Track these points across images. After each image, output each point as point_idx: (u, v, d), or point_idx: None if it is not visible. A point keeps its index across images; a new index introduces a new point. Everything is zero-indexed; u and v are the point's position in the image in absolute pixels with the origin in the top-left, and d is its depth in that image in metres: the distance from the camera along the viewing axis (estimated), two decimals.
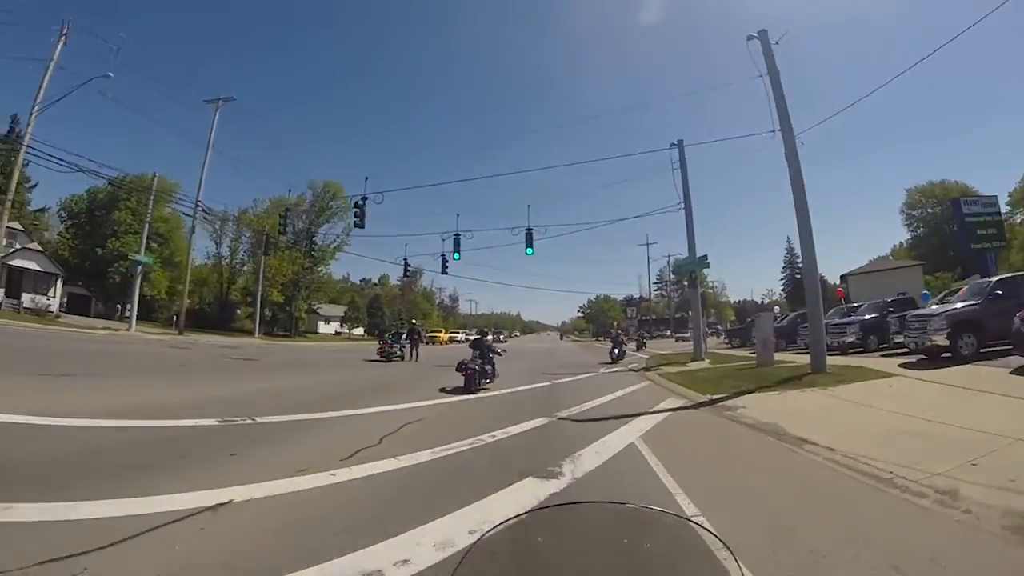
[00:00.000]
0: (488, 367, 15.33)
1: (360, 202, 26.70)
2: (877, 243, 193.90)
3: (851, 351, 21.73)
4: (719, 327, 76.61)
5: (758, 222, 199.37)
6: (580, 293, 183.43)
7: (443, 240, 31.37)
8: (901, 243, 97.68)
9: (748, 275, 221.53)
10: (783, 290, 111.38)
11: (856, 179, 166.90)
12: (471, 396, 13.77)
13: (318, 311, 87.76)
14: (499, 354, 16.37)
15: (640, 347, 39.79)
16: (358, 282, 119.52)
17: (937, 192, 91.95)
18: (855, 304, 29.11)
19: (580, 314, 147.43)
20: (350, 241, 72.41)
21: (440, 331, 78.22)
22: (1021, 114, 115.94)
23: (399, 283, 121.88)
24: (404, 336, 29.71)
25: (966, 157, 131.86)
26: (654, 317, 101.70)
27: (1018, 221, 74.99)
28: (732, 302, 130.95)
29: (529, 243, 28.00)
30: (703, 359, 24.33)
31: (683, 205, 24.67)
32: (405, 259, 37.14)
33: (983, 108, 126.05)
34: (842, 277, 62.69)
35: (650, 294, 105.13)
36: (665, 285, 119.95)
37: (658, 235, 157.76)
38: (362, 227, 27.36)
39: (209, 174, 43.38)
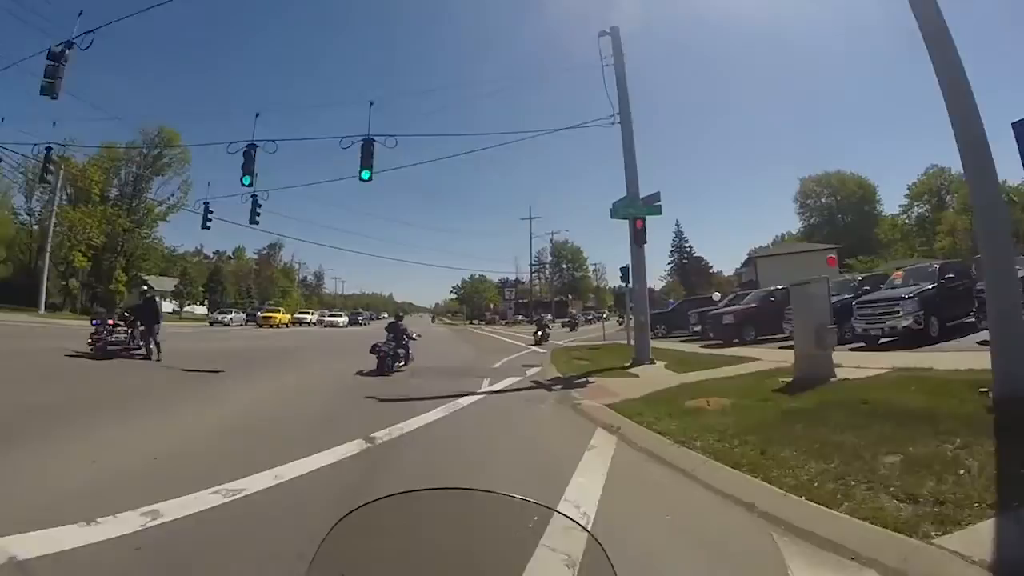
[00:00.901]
0: (401, 350, 15.51)
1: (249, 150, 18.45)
2: (768, 232, 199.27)
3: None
4: (597, 313, 71.44)
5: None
6: (458, 270, 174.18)
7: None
8: (792, 232, 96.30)
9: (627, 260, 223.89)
10: (669, 275, 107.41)
11: (749, 168, 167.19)
12: (385, 377, 14.01)
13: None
14: (413, 338, 16.49)
15: (542, 339, 32.04)
16: (211, 254, 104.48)
17: (833, 181, 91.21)
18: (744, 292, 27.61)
19: (453, 295, 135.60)
20: (188, 201, 55.89)
21: (276, 311, 57.22)
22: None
23: (256, 256, 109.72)
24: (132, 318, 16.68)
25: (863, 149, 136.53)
26: (531, 300, 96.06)
27: (914, 215, 78.14)
28: (611, 288, 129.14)
29: (367, 162, 17.06)
30: (651, 361, 15.07)
31: (618, 118, 16.50)
32: (206, 203, 25.54)
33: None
34: (748, 258, 59.88)
35: (529, 276, 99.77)
36: (544, 267, 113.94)
37: (541, 210, 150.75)
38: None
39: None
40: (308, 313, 66.02)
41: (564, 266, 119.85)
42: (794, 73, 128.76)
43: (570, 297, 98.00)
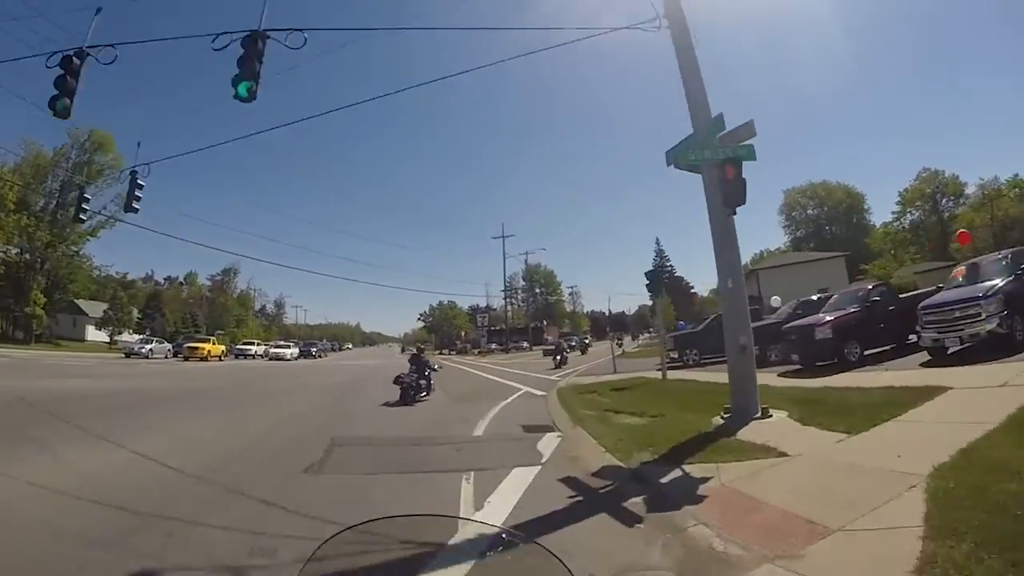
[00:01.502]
0: (423, 381, 15.81)
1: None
2: (753, 246, 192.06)
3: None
4: (579, 338, 64.54)
5: (614, 227, 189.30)
6: (428, 294, 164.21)
7: None
8: (780, 247, 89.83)
9: (602, 284, 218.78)
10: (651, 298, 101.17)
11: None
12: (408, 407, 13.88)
13: (81, 310, 66.14)
14: (435, 369, 17.28)
15: (562, 363, 29.96)
16: (162, 280, 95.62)
17: (819, 192, 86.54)
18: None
19: (421, 323, 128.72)
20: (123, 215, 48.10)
21: (206, 342, 47.56)
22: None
23: (209, 282, 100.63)
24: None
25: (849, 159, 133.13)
26: (507, 327, 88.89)
27: (907, 222, 72.63)
28: (587, 312, 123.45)
29: (248, 70, 9.49)
30: (763, 412, 8.24)
31: (665, 21, 10.00)
32: (133, 173, 16.75)
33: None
34: (750, 271, 53.37)
35: (505, 299, 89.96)
36: (516, 292, 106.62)
37: (513, 229, 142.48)
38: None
39: None
40: (253, 344, 56.61)
41: (537, 290, 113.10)
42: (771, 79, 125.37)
43: (545, 323, 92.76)
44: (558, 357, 30.45)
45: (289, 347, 56.78)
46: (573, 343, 53.56)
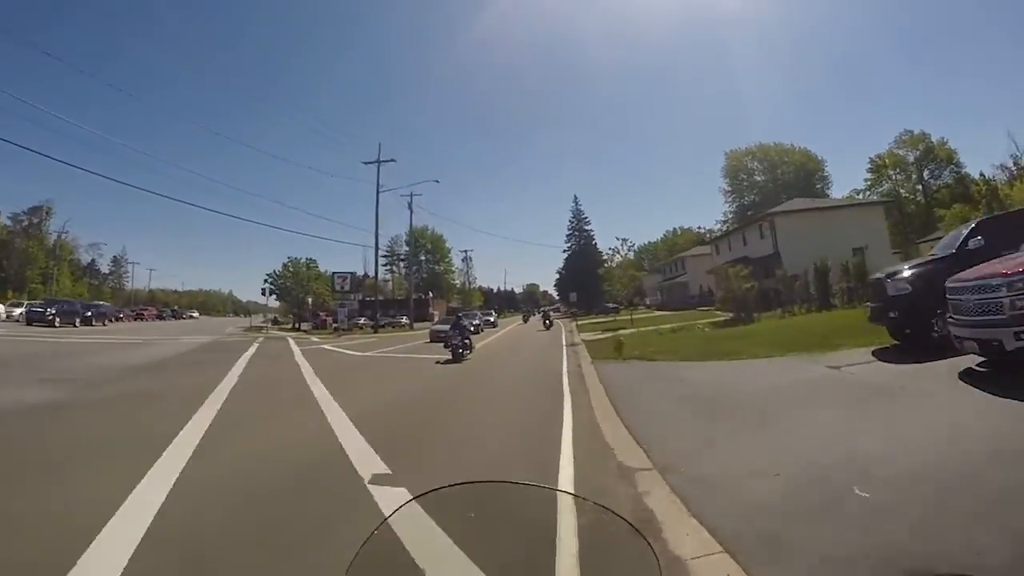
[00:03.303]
0: (467, 340, 18.20)
1: None
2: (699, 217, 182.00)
3: None
4: (483, 312, 52.23)
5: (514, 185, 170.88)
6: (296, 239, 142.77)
7: None
8: (718, 220, 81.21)
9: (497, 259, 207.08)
10: (561, 269, 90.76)
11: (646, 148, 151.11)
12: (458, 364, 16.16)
13: None
14: (471, 329, 21.27)
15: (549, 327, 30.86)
16: None
17: (771, 154, 75.04)
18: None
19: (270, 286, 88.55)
20: None
21: None
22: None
23: (11, 222, 77.99)
24: None
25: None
26: (375, 297, 70.59)
27: (882, 190, 64.76)
28: (480, 287, 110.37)
29: None
30: None
31: None
32: None
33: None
34: (766, 217, 40.69)
35: (375, 256, 68.64)
36: (397, 259, 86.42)
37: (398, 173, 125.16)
38: None
39: None
40: None
41: (423, 258, 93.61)
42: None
43: (431, 294, 76.83)
44: (547, 321, 32.99)
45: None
46: (477, 321, 39.81)
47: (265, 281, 60.71)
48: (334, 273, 58.42)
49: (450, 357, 17.23)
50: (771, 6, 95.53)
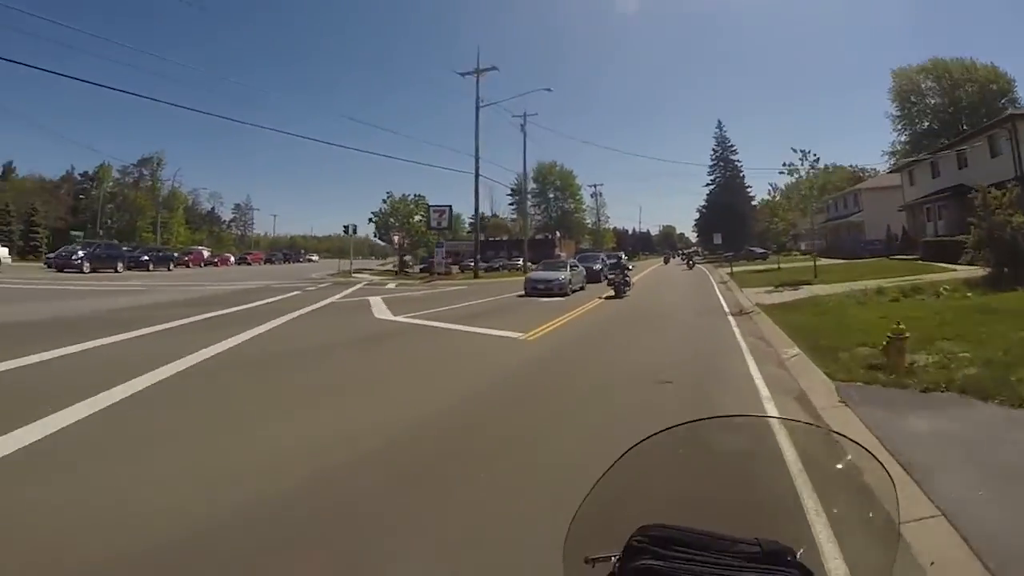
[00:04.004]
0: (628, 278, 22.55)
1: None
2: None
3: None
4: (612, 255, 43.42)
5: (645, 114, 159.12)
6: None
7: None
8: (894, 150, 65.93)
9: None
10: (702, 206, 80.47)
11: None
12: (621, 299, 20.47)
13: None
14: (630, 269, 26.07)
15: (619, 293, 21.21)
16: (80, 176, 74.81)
17: (952, 71, 59.79)
18: None
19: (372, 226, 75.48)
20: None
21: None
22: None
23: (119, 176, 76.18)
24: None
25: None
26: (511, 237, 63.51)
27: None
28: (614, 228, 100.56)
29: None
30: None
31: None
32: None
33: None
34: (1004, 123, 30.00)
35: (475, 175, 62.52)
36: (520, 196, 67.12)
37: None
38: None
39: None
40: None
41: (551, 195, 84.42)
42: None
43: (558, 235, 65.58)
44: (690, 262, 35.91)
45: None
46: (599, 266, 31.30)
47: (369, 221, 53.73)
48: (430, 206, 48.11)
49: (612, 294, 21.69)
50: None
